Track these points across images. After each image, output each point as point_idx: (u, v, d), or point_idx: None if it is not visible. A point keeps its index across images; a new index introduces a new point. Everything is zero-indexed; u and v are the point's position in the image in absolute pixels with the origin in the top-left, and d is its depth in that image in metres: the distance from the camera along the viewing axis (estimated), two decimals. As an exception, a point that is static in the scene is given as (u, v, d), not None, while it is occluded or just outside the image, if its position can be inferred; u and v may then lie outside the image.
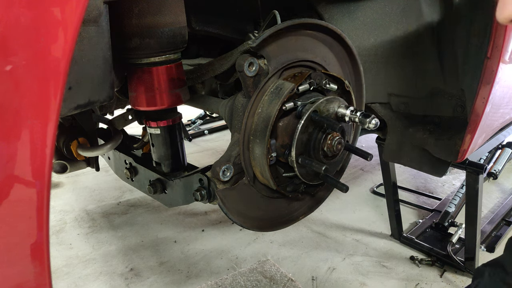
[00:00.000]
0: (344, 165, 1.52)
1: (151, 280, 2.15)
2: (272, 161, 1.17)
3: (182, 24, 1.21)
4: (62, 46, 0.61)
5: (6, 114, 0.57)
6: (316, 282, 2.08)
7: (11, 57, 0.56)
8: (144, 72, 1.21)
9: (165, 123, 1.36)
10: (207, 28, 1.52)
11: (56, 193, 3.20)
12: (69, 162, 1.59)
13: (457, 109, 1.58)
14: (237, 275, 2.12)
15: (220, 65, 1.23)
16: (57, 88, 0.61)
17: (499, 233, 2.40)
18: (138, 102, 1.25)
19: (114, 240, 2.53)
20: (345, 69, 1.39)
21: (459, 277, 2.08)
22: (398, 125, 1.78)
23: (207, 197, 1.17)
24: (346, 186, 1.15)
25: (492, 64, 1.36)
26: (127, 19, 1.12)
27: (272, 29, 1.09)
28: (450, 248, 2.14)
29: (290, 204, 1.39)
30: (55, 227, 2.70)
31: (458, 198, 2.52)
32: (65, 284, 2.15)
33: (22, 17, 0.56)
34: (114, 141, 1.48)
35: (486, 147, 1.98)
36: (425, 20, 1.51)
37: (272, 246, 2.39)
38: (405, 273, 2.12)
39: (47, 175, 0.63)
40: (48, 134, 0.62)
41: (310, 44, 1.25)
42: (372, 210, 2.77)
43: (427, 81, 1.62)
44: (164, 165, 1.41)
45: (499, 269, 1.18)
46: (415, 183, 3.14)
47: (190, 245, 2.44)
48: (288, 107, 1.12)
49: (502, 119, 1.78)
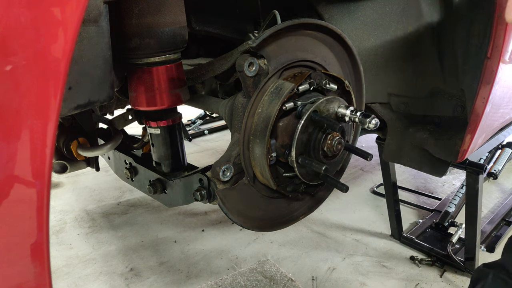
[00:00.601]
0: (344, 165, 1.52)
1: (151, 280, 2.15)
2: (272, 161, 1.17)
3: (182, 24, 1.21)
4: (62, 46, 0.61)
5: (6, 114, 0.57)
6: (316, 282, 2.08)
7: (11, 57, 0.56)
8: (144, 72, 1.21)
9: (165, 123, 1.36)
10: (207, 28, 1.52)
11: (56, 193, 3.20)
12: (69, 162, 1.59)
13: (457, 109, 1.58)
14: (237, 275, 2.12)
15: (220, 65, 1.23)
16: (57, 88, 0.61)
17: (499, 233, 2.40)
18: (138, 102, 1.25)
19: (114, 240, 2.53)
20: (345, 69, 1.39)
21: (459, 277, 2.08)
22: (398, 125, 1.78)
23: (207, 197, 1.17)
24: (346, 186, 1.15)
25: (492, 64, 1.36)
26: (127, 19, 1.12)
27: (272, 29, 1.09)
28: (450, 248, 2.14)
29: (290, 204, 1.39)
30: (55, 227, 2.70)
31: (458, 198, 2.52)
32: (65, 284, 2.15)
33: (22, 17, 0.56)
34: (114, 141, 1.48)
35: (486, 147, 1.98)
36: (425, 20, 1.51)
37: (272, 246, 2.39)
38: (405, 273, 2.12)
39: (47, 175, 0.63)
40: (48, 134, 0.62)
41: (310, 44, 1.25)
42: (372, 210, 2.77)
43: (427, 81, 1.62)
44: (164, 165, 1.41)
45: (503, 271, 1.18)
46: (415, 183, 3.14)
47: (190, 245, 2.44)
48: (288, 107, 1.12)
49: (502, 119, 1.78)
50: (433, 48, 1.54)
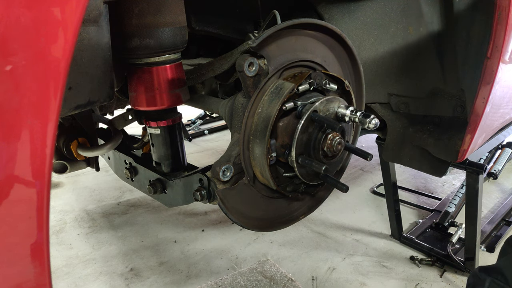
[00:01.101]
0: (344, 165, 1.52)
1: (151, 280, 2.15)
2: (272, 161, 1.17)
3: (182, 24, 1.21)
4: (62, 46, 0.61)
5: (6, 114, 0.57)
6: (316, 282, 2.08)
7: (11, 57, 0.56)
8: (144, 72, 1.21)
9: (165, 123, 1.36)
10: (207, 28, 1.52)
11: (56, 193, 3.20)
12: (69, 162, 1.59)
13: (457, 109, 1.58)
14: (237, 275, 2.12)
15: (220, 65, 1.23)
16: (57, 88, 0.61)
17: (499, 233, 2.40)
18: (138, 102, 1.25)
19: (114, 240, 2.53)
20: (345, 69, 1.39)
21: (459, 277, 2.08)
22: (398, 125, 1.78)
23: (207, 197, 1.17)
24: (346, 186, 1.15)
25: (492, 64, 1.36)
26: (127, 19, 1.11)
27: (272, 29, 1.09)
28: (450, 248, 2.15)
29: (290, 204, 1.39)
30: (55, 227, 2.70)
31: (458, 198, 2.52)
32: (65, 284, 2.15)
33: (22, 17, 0.56)
34: (114, 141, 1.48)
35: (486, 147, 1.98)
36: (425, 20, 1.51)
37: (272, 246, 2.39)
38: (405, 273, 2.12)
39: (47, 175, 0.63)
40: (48, 134, 0.62)
41: (310, 44, 1.25)
42: (372, 210, 2.77)
43: (427, 81, 1.62)
44: (164, 165, 1.41)
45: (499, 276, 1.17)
46: (415, 183, 3.14)
47: (190, 245, 2.44)
48: (288, 107, 1.12)
49: (502, 119, 1.78)
50: (433, 48, 1.54)
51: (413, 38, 1.55)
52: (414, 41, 1.56)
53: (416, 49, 1.57)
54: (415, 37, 1.55)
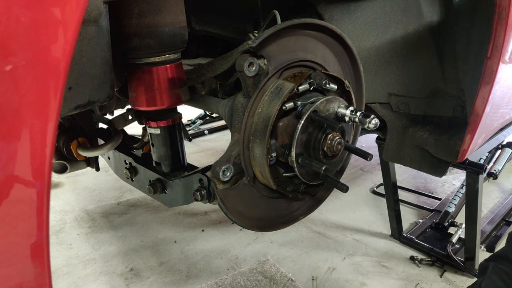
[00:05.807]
0: (344, 165, 1.52)
1: (151, 280, 2.15)
2: (272, 161, 1.17)
3: (182, 24, 1.21)
4: (62, 46, 0.61)
5: (6, 114, 0.57)
6: (316, 282, 2.08)
7: (11, 57, 0.56)
8: (144, 72, 1.21)
9: (165, 123, 1.36)
10: (207, 28, 1.53)
11: (56, 193, 3.20)
12: (69, 162, 1.59)
13: (457, 109, 1.58)
14: (237, 275, 2.12)
15: (220, 65, 1.23)
16: (57, 88, 0.61)
17: (499, 233, 2.40)
18: (138, 102, 1.25)
19: (114, 240, 2.53)
20: (345, 69, 1.39)
21: (459, 277, 2.08)
22: (398, 125, 1.78)
23: (207, 197, 1.17)
24: (346, 186, 1.15)
25: (492, 64, 1.36)
26: (127, 19, 1.12)
27: (272, 29, 1.09)
28: (450, 248, 2.14)
29: (290, 204, 1.39)
30: (55, 227, 2.70)
31: (458, 198, 2.52)
32: (65, 284, 2.15)
33: (22, 17, 0.56)
34: (114, 141, 1.48)
35: (486, 147, 1.98)
36: (425, 20, 1.51)
37: (272, 246, 2.39)
38: (405, 273, 2.12)
39: (47, 175, 0.63)
40: (48, 134, 0.62)
41: (310, 44, 1.25)
42: (372, 210, 2.77)
43: (427, 81, 1.62)
44: (164, 165, 1.41)
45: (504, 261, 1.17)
46: (415, 183, 3.14)
47: (190, 245, 2.44)
48: (288, 107, 1.12)
49: (502, 119, 1.78)
50: (433, 48, 1.54)
51: (413, 38, 1.55)
52: (414, 41, 1.56)
53: (416, 49, 1.57)
54: (415, 37, 1.55)
